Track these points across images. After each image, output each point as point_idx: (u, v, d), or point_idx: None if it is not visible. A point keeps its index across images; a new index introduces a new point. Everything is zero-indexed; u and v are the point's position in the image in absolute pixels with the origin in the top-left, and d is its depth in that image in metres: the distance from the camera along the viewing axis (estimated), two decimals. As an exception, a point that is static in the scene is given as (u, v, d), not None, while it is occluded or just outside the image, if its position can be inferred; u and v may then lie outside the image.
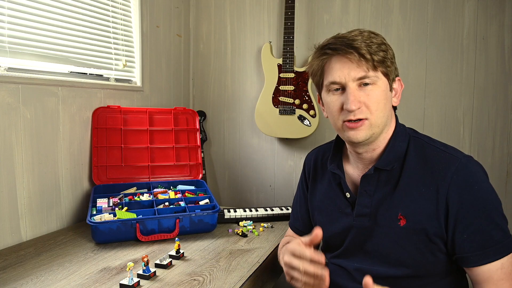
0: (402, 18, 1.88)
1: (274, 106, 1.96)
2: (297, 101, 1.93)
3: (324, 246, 1.11)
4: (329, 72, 0.93)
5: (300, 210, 1.19)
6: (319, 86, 1.00)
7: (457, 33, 1.81)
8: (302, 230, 1.19)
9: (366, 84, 0.90)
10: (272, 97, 1.97)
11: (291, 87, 1.93)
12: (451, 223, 0.86)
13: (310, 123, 1.91)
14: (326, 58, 0.93)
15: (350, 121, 0.90)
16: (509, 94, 1.76)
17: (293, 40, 1.91)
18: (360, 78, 0.89)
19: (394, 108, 1.01)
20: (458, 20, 1.81)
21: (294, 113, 1.93)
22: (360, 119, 0.90)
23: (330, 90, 0.94)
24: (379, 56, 0.89)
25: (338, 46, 0.90)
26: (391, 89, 0.95)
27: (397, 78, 0.97)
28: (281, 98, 1.95)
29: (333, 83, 0.92)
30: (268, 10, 2.10)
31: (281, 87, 1.95)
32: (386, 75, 0.92)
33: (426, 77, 1.87)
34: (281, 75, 1.94)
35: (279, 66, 1.96)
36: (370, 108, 0.89)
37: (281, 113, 1.95)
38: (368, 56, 0.88)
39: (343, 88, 0.92)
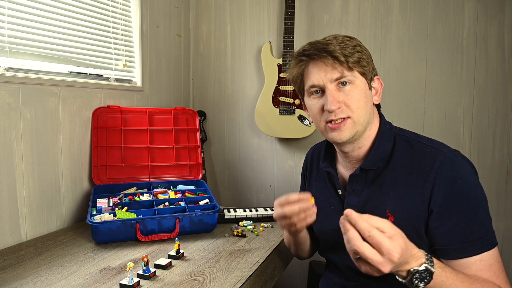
0: (402, 18, 1.88)
1: (274, 106, 1.96)
2: (297, 101, 1.93)
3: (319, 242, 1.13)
4: (308, 77, 0.96)
5: None
6: (301, 93, 1.03)
7: (457, 33, 1.81)
8: None
9: (344, 84, 0.92)
10: (272, 97, 1.97)
11: (291, 87, 1.93)
12: (433, 215, 0.87)
13: (310, 123, 1.91)
14: (303, 64, 0.97)
15: (331, 122, 0.93)
16: (509, 94, 1.76)
17: (293, 40, 1.91)
18: (337, 79, 0.92)
19: (378, 106, 1.02)
20: (458, 20, 1.81)
21: (294, 113, 1.93)
22: (342, 119, 0.92)
23: (311, 94, 0.97)
24: (354, 57, 0.91)
25: (313, 52, 0.93)
26: (370, 87, 0.97)
27: (375, 77, 0.98)
28: (281, 98, 1.95)
29: (313, 86, 0.95)
30: (268, 10, 2.10)
31: (281, 87, 1.95)
32: (363, 74, 0.94)
33: (426, 77, 1.87)
34: (281, 75, 1.95)
35: (279, 66, 1.96)
36: (351, 106, 0.92)
37: (281, 113, 1.95)
38: (342, 58, 0.91)
39: (322, 91, 0.95)
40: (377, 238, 0.68)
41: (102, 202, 1.39)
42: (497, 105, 1.78)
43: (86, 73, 1.59)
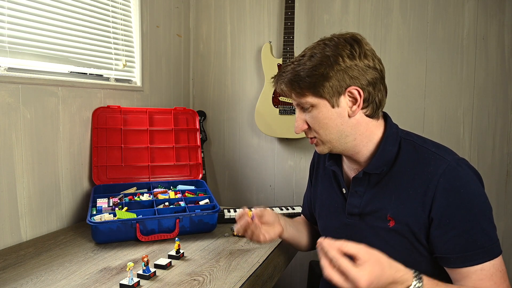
0: (402, 18, 1.88)
1: (274, 106, 1.96)
2: (297, 101, 1.93)
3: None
4: None
5: (307, 199, 1.25)
6: None
7: (457, 33, 1.81)
8: (309, 218, 1.25)
9: (305, 108, 0.95)
10: (272, 97, 1.97)
11: (291, 87, 1.93)
12: (434, 224, 0.87)
13: (310, 123, 1.91)
14: None
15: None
16: (509, 94, 1.76)
17: (293, 40, 1.91)
18: (297, 105, 0.97)
19: (377, 107, 0.95)
20: (458, 20, 1.81)
21: (294, 113, 1.93)
22: (312, 137, 0.98)
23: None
24: (304, 83, 0.90)
25: (274, 82, 0.99)
26: (335, 105, 0.91)
27: (351, 88, 0.90)
28: (281, 98, 1.95)
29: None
30: (268, 10, 2.10)
31: (281, 87, 1.95)
32: (320, 96, 0.91)
33: (426, 77, 1.87)
34: (281, 75, 1.94)
35: (279, 66, 1.96)
36: (313, 129, 0.96)
37: (281, 113, 1.95)
38: (286, 91, 0.95)
39: None
40: (342, 268, 0.70)
41: (102, 202, 1.39)
42: (497, 105, 1.78)
43: (86, 73, 1.59)
